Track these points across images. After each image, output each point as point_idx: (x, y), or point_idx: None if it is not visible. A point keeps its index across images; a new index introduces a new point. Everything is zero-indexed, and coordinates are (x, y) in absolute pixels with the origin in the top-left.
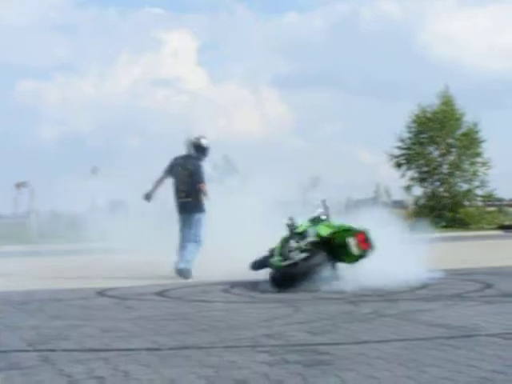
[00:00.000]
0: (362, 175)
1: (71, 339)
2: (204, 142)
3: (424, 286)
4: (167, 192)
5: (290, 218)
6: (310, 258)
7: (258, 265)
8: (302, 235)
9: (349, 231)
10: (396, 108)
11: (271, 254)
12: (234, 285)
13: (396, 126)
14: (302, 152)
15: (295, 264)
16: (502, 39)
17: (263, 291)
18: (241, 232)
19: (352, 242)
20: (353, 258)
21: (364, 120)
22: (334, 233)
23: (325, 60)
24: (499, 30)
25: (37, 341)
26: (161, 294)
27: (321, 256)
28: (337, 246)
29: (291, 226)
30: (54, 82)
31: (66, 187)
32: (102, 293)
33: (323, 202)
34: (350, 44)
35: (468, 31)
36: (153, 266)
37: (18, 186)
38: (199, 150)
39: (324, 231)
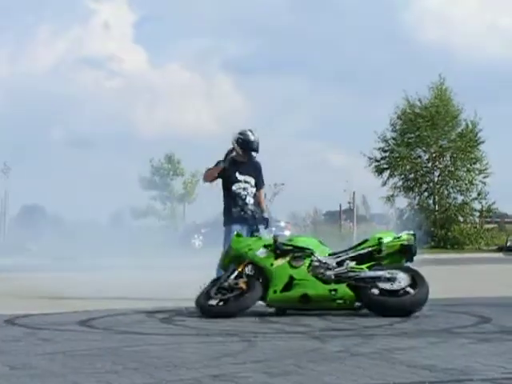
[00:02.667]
0: (335, 182)
1: None
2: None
3: (405, 319)
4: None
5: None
6: (420, 284)
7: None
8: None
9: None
10: (377, 100)
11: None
12: (177, 313)
13: (377, 122)
14: (262, 152)
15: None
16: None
17: (212, 322)
18: None
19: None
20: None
21: (337, 114)
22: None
23: (289, 41)
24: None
25: None
26: (84, 323)
27: (425, 279)
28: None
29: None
30: None
31: None
32: (11, 321)
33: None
34: (319, 22)
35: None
36: (76, 285)
37: None
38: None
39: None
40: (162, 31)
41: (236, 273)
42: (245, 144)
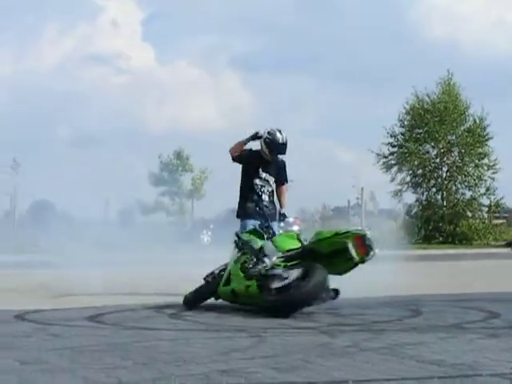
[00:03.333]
0: (343, 178)
1: None
2: None
3: (415, 315)
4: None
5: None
6: (310, 275)
7: (193, 298)
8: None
9: (345, 234)
10: (384, 98)
11: (215, 279)
12: (186, 309)
13: (385, 120)
14: None
15: (288, 287)
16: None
17: (220, 317)
18: None
19: (351, 246)
20: (349, 266)
21: (345, 112)
22: (324, 239)
23: (295, 39)
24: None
25: None
26: (93, 319)
27: (321, 270)
28: (326, 255)
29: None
30: None
31: None
32: (20, 316)
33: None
34: (325, 20)
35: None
36: (84, 281)
37: None
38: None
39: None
40: (169, 28)
41: (223, 267)
42: (272, 145)
